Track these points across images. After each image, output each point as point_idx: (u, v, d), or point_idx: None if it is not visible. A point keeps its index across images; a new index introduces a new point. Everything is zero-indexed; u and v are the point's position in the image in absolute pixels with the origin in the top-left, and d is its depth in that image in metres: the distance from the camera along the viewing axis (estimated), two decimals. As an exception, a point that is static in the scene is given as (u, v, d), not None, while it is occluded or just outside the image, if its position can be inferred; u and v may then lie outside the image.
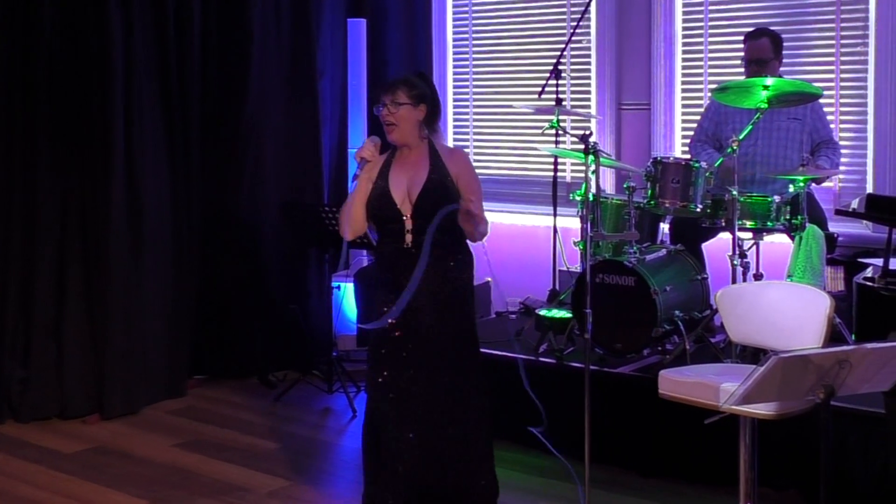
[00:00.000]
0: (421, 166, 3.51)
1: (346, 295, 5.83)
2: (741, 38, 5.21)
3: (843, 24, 5.27)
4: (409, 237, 3.46)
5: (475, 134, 6.61)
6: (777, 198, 4.47)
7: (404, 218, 3.46)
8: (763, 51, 4.91)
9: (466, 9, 6.57)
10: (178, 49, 5.48)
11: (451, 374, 3.48)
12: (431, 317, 3.45)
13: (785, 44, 5.05)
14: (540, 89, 5.57)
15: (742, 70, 5.12)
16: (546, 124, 5.25)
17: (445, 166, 3.51)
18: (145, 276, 5.33)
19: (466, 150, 6.61)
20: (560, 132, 5.38)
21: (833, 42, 5.30)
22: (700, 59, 5.71)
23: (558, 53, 5.59)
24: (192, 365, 5.67)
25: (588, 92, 6.08)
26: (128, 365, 5.22)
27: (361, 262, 6.06)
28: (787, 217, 4.47)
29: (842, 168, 5.16)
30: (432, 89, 3.60)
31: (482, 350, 4.79)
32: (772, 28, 5.12)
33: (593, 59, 6.03)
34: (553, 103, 5.39)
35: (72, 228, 5.15)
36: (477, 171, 6.66)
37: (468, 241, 3.55)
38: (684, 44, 5.76)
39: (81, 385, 5.15)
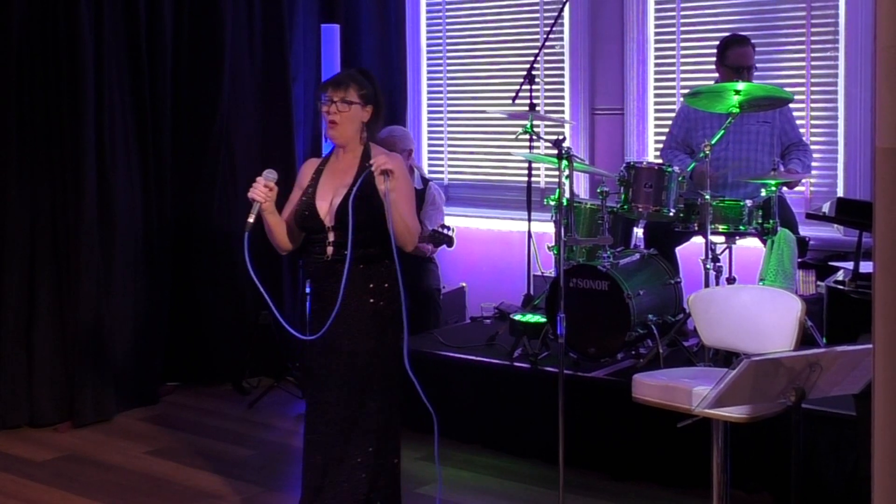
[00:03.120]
0: (349, 174, 3.33)
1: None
2: (713, 43, 5.24)
3: (813, 29, 5.32)
4: (329, 249, 3.30)
5: (449, 139, 6.61)
6: (749, 202, 4.50)
7: (327, 229, 3.30)
8: (751, 57, 4.95)
9: (440, 14, 6.57)
10: (150, 53, 5.45)
11: (368, 394, 3.29)
12: (351, 333, 3.28)
13: (756, 48, 5.10)
14: (514, 94, 5.58)
15: (713, 75, 5.16)
16: (520, 129, 5.26)
17: (373, 174, 3.25)
18: (117, 282, 5.29)
19: (440, 155, 6.61)
20: (534, 137, 5.39)
21: (804, 47, 5.35)
22: (672, 65, 5.74)
23: (532, 58, 5.61)
24: (165, 372, 5.63)
25: (561, 97, 6.10)
26: (99, 372, 5.17)
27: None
28: (759, 221, 4.50)
29: (813, 172, 5.20)
30: (379, 90, 3.44)
31: (458, 355, 4.85)
32: (743, 34, 5.16)
33: (566, 65, 6.05)
34: (527, 108, 5.40)
35: (42, 235, 5.10)
36: (451, 176, 6.68)
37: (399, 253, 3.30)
38: (657, 49, 5.79)
39: (52, 393, 5.10)
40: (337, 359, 3.33)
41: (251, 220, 3.26)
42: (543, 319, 4.69)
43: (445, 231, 5.22)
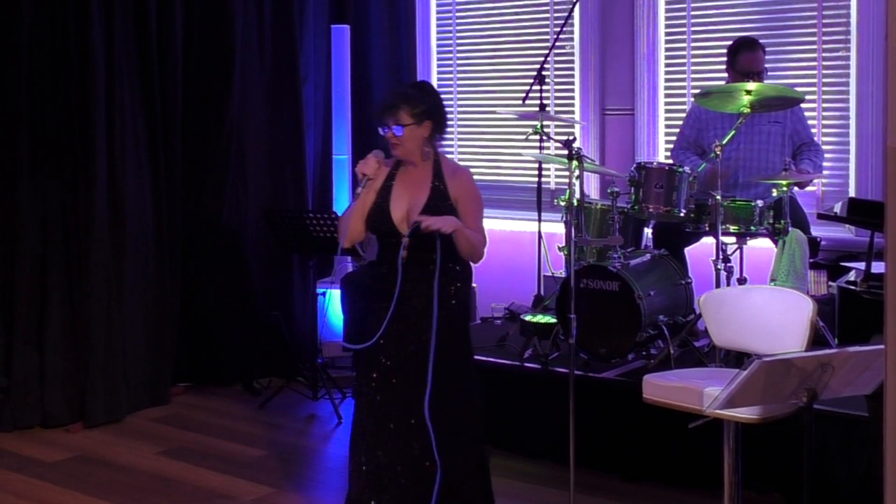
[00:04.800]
0: (423, 187, 3.47)
1: (332, 301, 5.81)
2: (724, 43, 5.23)
3: (824, 29, 5.30)
4: (404, 253, 3.42)
5: (459, 139, 6.61)
6: (760, 202, 4.49)
7: (403, 237, 3.42)
8: (761, 62, 4.93)
9: (450, 15, 6.57)
10: (161, 54, 5.46)
11: (436, 386, 3.39)
12: (417, 329, 3.42)
13: (767, 48, 5.08)
14: (524, 95, 5.57)
15: (724, 75, 5.14)
16: (530, 130, 5.26)
17: (447, 188, 3.46)
18: (128, 283, 5.30)
19: (451, 155, 6.61)
20: (544, 137, 5.38)
21: (815, 46, 5.33)
22: (683, 65, 5.73)
23: (542, 59, 5.60)
24: (176, 372, 5.64)
25: (572, 97, 6.09)
26: (111, 373, 5.19)
27: (346, 269, 6.06)
28: (771, 221, 4.49)
29: (825, 172, 5.18)
30: (436, 101, 3.54)
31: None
32: (754, 33, 5.15)
33: (577, 65, 6.05)
34: (537, 109, 5.40)
35: (53, 235, 5.12)
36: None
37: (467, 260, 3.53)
38: (667, 49, 5.78)
39: (64, 393, 5.12)
40: (404, 356, 3.44)
41: (360, 191, 3.44)
42: (554, 320, 4.69)
43: None
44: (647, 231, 5.14)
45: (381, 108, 3.49)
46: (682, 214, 4.55)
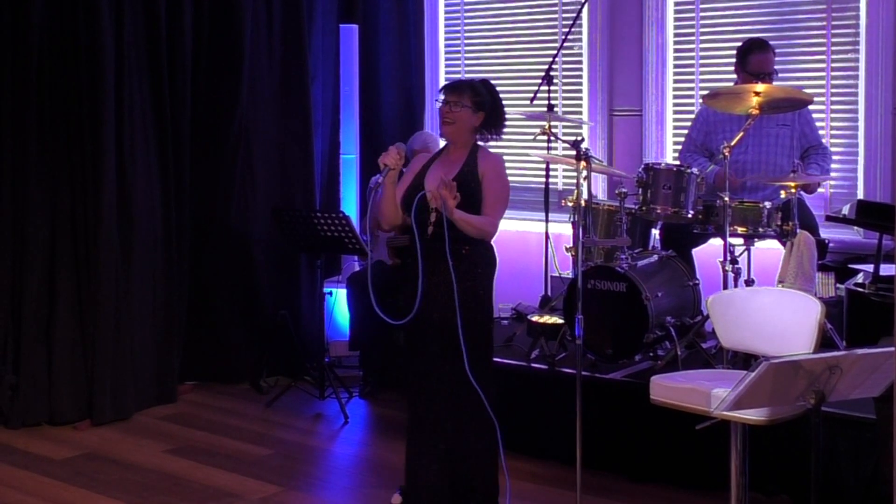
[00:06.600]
0: (456, 164, 3.73)
1: (339, 301, 5.82)
2: (732, 44, 5.22)
3: (833, 31, 5.29)
4: (430, 228, 3.64)
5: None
6: (768, 204, 4.49)
7: (431, 210, 3.64)
8: (772, 63, 4.92)
9: (458, 15, 6.58)
10: (170, 54, 5.47)
11: (453, 366, 3.62)
12: (441, 309, 3.62)
13: (776, 50, 5.07)
14: (532, 95, 5.57)
15: (732, 76, 5.14)
16: (538, 130, 5.26)
17: (476, 166, 3.70)
18: (136, 281, 5.31)
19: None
20: (552, 138, 5.38)
21: (824, 49, 5.32)
22: (691, 66, 5.72)
23: (550, 59, 5.60)
24: (183, 370, 5.65)
25: (580, 98, 6.09)
26: (118, 370, 5.20)
27: (353, 268, 6.06)
28: (779, 223, 4.48)
29: (833, 175, 5.17)
30: (497, 102, 3.82)
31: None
32: (763, 35, 5.14)
33: (585, 66, 6.04)
34: (545, 109, 5.40)
35: (62, 234, 5.13)
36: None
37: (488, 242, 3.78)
38: (676, 50, 5.77)
39: (72, 391, 5.13)
40: (428, 331, 3.66)
41: (381, 179, 3.66)
42: (561, 321, 4.69)
43: None
44: (655, 232, 5.13)
45: (450, 85, 3.78)
46: (689, 216, 4.54)
